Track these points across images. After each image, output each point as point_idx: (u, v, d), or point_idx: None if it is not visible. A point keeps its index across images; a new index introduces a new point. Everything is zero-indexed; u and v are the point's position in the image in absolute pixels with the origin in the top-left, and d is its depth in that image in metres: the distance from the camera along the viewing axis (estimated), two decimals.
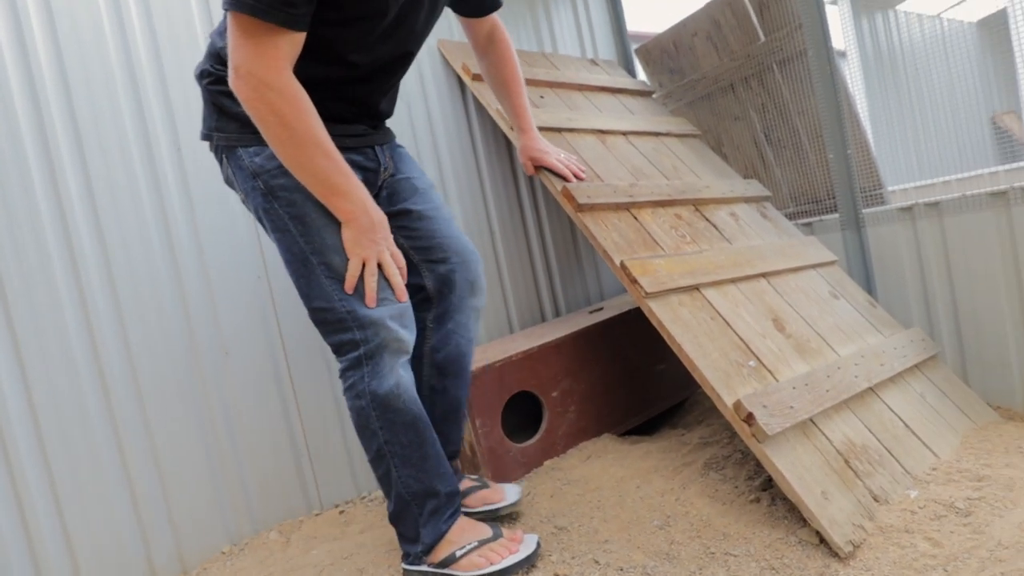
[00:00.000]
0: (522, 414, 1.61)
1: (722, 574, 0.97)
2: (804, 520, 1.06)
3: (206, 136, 1.10)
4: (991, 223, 1.46)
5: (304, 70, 0.94)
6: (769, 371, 1.25)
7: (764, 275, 1.50)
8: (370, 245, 1.02)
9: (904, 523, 1.00)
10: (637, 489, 1.30)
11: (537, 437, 1.54)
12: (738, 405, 1.11)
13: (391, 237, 1.06)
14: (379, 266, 1.04)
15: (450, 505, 1.12)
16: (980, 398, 1.48)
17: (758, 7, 1.84)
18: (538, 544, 1.11)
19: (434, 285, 1.23)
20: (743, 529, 1.10)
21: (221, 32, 1.02)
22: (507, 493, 1.29)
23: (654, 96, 2.21)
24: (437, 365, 1.25)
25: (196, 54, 1.50)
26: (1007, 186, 1.44)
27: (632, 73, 2.32)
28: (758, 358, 1.26)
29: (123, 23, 1.45)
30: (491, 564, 1.06)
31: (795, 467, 1.07)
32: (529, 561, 1.08)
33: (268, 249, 1.59)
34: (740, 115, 2.02)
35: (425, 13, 1.08)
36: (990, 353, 1.51)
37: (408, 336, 1.07)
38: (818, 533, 1.02)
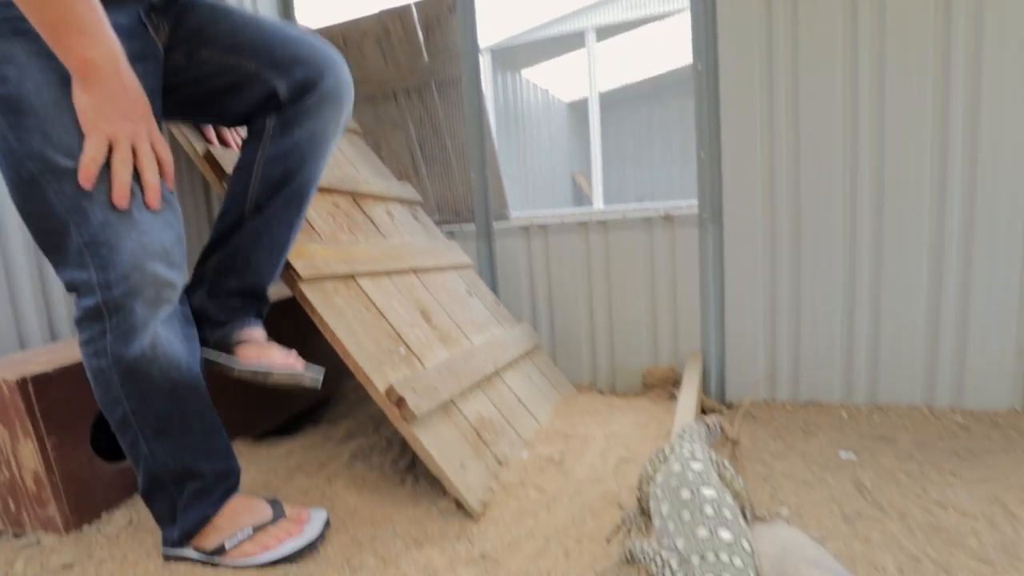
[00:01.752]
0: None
1: (371, 561, 0.95)
2: (445, 491, 1.13)
3: None
4: (578, 243, 1.91)
5: None
6: (417, 358, 1.31)
7: (415, 270, 1.59)
8: (120, 120, 0.76)
9: (519, 478, 1.18)
10: (278, 491, 1.18)
11: None
12: (390, 390, 1.12)
13: (153, 120, 0.81)
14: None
15: (219, 486, 0.96)
16: (565, 377, 1.90)
17: (425, 28, 1.98)
18: (326, 523, 1.02)
19: (287, 88, 1.03)
20: (389, 511, 1.11)
21: None
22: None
23: None
24: (270, 182, 1.04)
25: None
26: (588, 219, 1.90)
27: None
28: (408, 345, 1.32)
29: None
30: (266, 551, 0.93)
31: (439, 444, 1.14)
32: (313, 546, 0.97)
33: None
34: (399, 123, 2.12)
35: None
36: (571, 344, 1.96)
37: (176, 277, 0.86)
38: (456, 500, 1.11)
